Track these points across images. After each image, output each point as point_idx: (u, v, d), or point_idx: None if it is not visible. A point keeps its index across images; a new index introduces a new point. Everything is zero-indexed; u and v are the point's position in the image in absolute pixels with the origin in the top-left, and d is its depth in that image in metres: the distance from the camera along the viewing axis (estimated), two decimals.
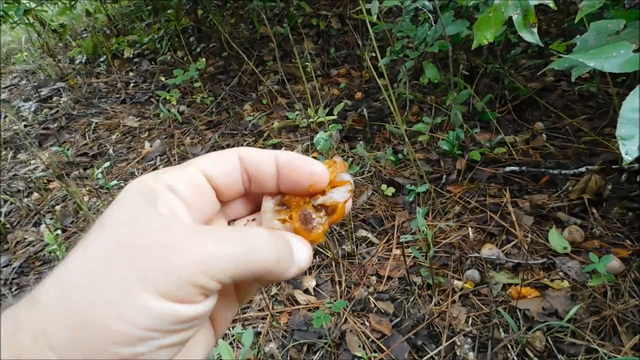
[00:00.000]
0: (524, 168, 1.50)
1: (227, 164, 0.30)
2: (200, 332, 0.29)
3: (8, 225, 1.79)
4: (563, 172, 1.43)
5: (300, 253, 0.29)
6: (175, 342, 0.24)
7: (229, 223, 0.33)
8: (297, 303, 1.24)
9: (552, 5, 0.91)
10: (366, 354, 1.06)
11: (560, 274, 1.16)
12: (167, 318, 0.23)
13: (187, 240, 0.24)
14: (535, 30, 0.93)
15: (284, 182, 0.31)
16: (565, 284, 1.13)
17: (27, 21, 2.70)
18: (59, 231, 1.44)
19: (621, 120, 0.52)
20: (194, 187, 0.28)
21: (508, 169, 1.51)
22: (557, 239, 1.23)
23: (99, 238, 0.24)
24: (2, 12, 2.30)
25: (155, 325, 0.22)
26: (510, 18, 0.97)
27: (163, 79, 2.67)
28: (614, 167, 1.40)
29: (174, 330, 0.23)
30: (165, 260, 0.23)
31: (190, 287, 0.23)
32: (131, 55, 3.08)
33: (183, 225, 0.25)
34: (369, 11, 1.47)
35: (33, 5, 2.34)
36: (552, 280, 1.14)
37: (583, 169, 1.41)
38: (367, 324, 1.15)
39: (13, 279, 1.54)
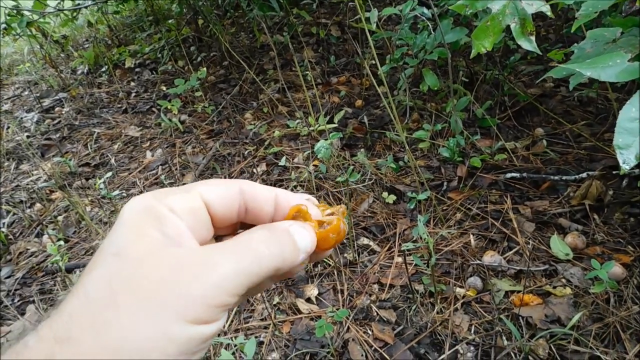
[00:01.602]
0: (524, 174, 1.50)
1: (228, 195, 0.31)
2: None
3: (11, 236, 1.80)
4: (564, 178, 1.44)
5: (303, 238, 0.30)
6: (199, 357, 0.25)
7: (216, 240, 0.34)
8: (300, 312, 1.24)
9: (549, 13, 0.92)
10: None
11: (563, 280, 1.16)
12: (195, 341, 0.24)
13: (203, 265, 0.25)
14: (533, 38, 0.94)
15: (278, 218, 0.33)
16: (568, 290, 1.12)
17: (29, 33, 2.72)
18: (61, 242, 1.45)
19: (618, 130, 0.52)
20: (193, 212, 0.29)
21: (509, 175, 1.51)
22: (558, 246, 1.23)
23: (119, 269, 0.25)
24: (5, 24, 2.32)
25: (186, 349, 0.24)
26: (509, 26, 0.98)
27: (164, 88, 2.69)
28: (614, 172, 1.40)
29: (199, 349, 0.25)
30: (189, 289, 0.24)
31: (214, 308, 0.25)
32: (132, 65, 3.11)
33: (194, 252, 0.27)
34: (368, 20, 1.48)
35: (36, 17, 2.37)
36: (554, 287, 1.14)
37: (584, 175, 1.41)
38: (369, 332, 1.14)
39: (16, 289, 1.54)
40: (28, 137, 2.51)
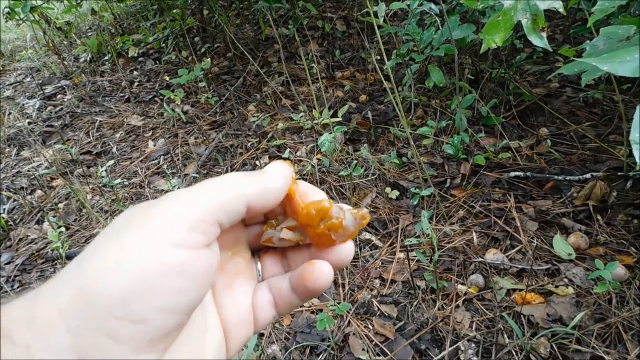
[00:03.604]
0: (528, 173, 1.49)
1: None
2: (201, 317, 0.30)
3: (11, 223, 1.79)
4: (568, 178, 1.43)
5: (273, 167, 0.31)
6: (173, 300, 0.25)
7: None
8: (301, 305, 1.24)
9: (562, 10, 0.91)
10: (369, 357, 1.06)
11: (565, 280, 1.16)
12: (184, 264, 0.25)
13: (179, 196, 0.27)
14: (544, 34, 0.93)
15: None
16: (570, 290, 1.12)
17: (32, 18, 2.70)
18: (62, 229, 1.44)
19: (635, 125, 0.52)
20: None
21: (512, 174, 1.51)
22: (561, 245, 1.23)
23: (110, 224, 0.27)
24: (8, 9, 2.30)
25: (179, 270, 0.25)
26: (519, 22, 0.97)
27: (167, 78, 2.68)
28: (619, 174, 1.39)
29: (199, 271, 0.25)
30: (168, 214, 0.26)
31: (183, 227, 0.25)
32: (136, 54, 3.09)
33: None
34: (376, 14, 1.47)
35: (39, 2, 2.35)
36: (556, 287, 1.14)
37: (588, 176, 1.40)
38: (370, 327, 1.14)
39: (15, 276, 1.54)
40: (29, 123, 2.50)
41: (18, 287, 1.49)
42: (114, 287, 0.23)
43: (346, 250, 0.32)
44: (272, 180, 0.30)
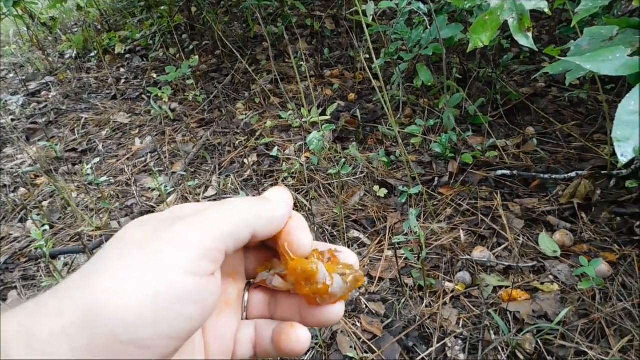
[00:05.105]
0: (515, 172, 1.51)
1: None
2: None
3: None
4: (553, 176, 1.45)
5: (277, 195, 0.31)
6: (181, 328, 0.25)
7: None
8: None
9: (547, 10, 0.92)
10: (357, 354, 1.06)
11: (550, 277, 1.17)
12: (188, 292, 0.24)
13: (185, 224, 0.27)
14: (530, 34, 0.94)
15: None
16: (555, 287, 1.14)
17: (16, 13, 2.65)
18: (46, 227, 1.42)
19: (617, 122, 0.52)
20: None
21: (499, 172, 1.52)
22: (547, 243, 1.24)
23: (118, 235, 0.27)
24: None
25: (186, 297, 0.24)
26: (506, 22, 0.98)
27: (155, 75, 2.65)
28: (603, 172, 1.42)
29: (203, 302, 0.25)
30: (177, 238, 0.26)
31: (195, 254, 0.25)
32: (122, 51, 3.05)
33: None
34: (365, 12, 1.47)
35: None
36: (542, 283, 1.15)
37: (573, 174, 1.42)
38: (358, 324, 1.14)
39: None
40: (13, 120, 2.45)
41: (0, 287, 1.46)
42: (123, 311, 0.22)
43: (334, 311, 0.31)
44: (276, 209, 0.30)
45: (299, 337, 0.30)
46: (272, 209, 0.30)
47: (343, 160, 1.49)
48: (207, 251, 0.25)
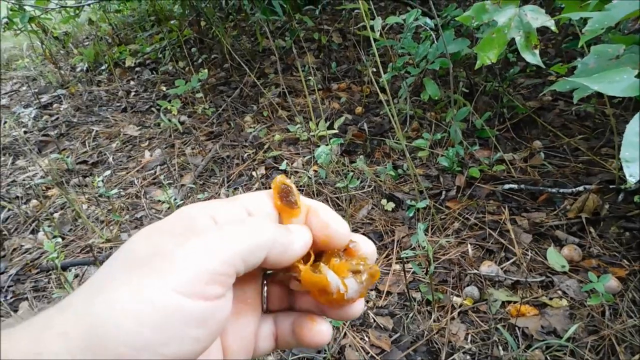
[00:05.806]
0: (522, 186, 1.51)
1: (268, 204, 0.32)
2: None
3: (5, 232, 1.78)
4: (561, 190, 1.45)
5: (297, 229, 0.31)
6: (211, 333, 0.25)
7: None
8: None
9: (553, 28, 0.93)
10: None
11: (559, 292, 1.17)
12: (178, 314, 0.24)
13: (193, 242, 0.26)
14: (537, 52, 0.95)
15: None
16: (564, 302, 1.13)
17: (30, 28, 2.71)
18: (57, 239, 1.44)
19: (625, 143, 0.53)
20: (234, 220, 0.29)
21: (507, 186, 1.53)
22: (555, 257, 1.24)
23: (125, 247, 0.27)
24: (6, 19, 2.31)
25: (190, 322, 0.24)
26: (513, 39, 0.99)
27: (164, 88, 2.69)
28: (611, 187, 1.41)
29: (208, 328, 0.25)
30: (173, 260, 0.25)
31: (204, 278, 0.25)
32: (133, 65, 3.10)
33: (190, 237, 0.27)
34: (372, 27, 1.49)
35: (38, 13, 2.36)
36: (550, 299, 1.15)
37: (581, 188, 1.42)
38: (366, 339, 1.15)
39: (9, 286, 1.53)
40: (25, 132, 2.50)
41: (12, 298, 1.48)
42: (128, 333, 0.22)
43: (353, 310, 0.31)
44: (294, 242, 0.30)
45: (322, 331, 0.31)
46: (291, 241, 0.29)
47: (351, 173, 1.50)
48: (217, 276, 0.25)
